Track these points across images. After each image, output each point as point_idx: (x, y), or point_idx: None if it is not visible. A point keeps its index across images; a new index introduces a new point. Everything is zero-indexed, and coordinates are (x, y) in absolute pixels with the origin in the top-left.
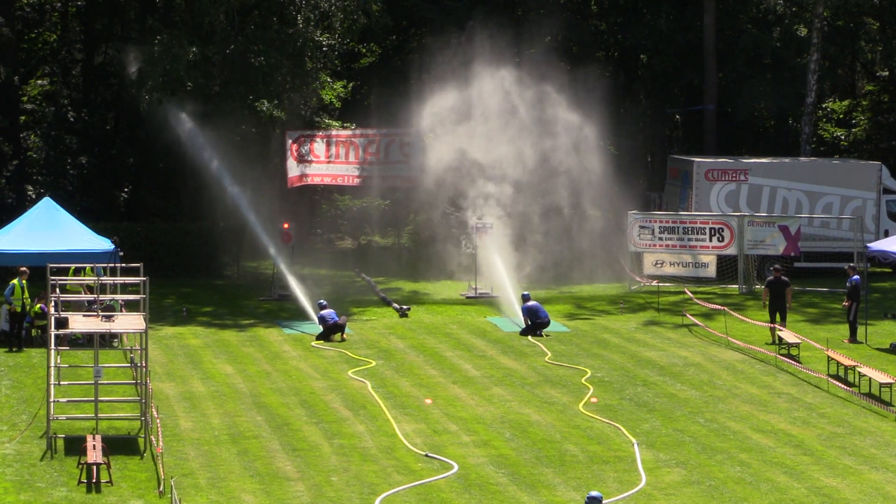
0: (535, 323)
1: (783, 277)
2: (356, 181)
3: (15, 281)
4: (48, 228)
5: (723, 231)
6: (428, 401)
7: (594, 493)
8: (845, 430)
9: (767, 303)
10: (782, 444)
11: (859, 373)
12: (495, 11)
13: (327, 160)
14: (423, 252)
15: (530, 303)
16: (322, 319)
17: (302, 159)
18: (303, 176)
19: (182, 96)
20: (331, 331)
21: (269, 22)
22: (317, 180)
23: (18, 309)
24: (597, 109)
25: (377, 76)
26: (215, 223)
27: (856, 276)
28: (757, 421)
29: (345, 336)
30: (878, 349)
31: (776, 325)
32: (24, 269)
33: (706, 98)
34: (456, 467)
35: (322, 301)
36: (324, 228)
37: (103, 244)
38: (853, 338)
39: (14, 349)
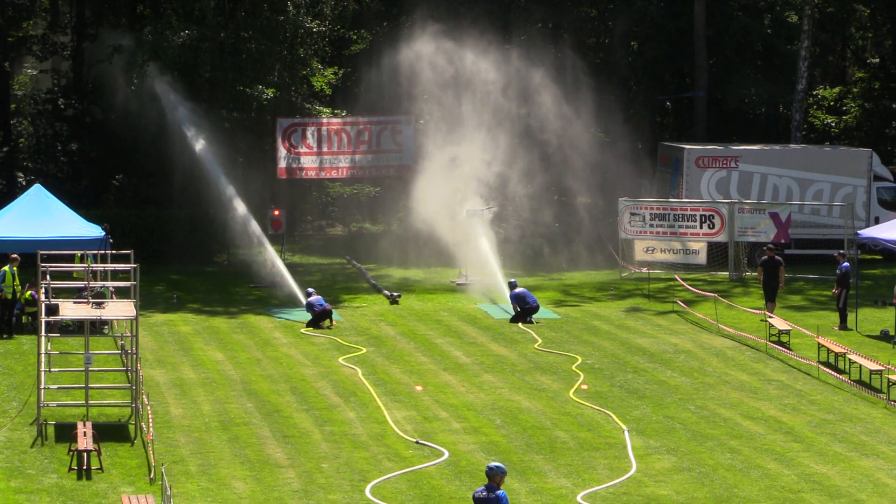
0: (524, 309)
1: (777, 257)
2: (348, 172)
3: (6, 268)
4: (38, 215)
5: (713, 218)
6: (418, 388)
7: (494, 464)
8: (836, 416)
9: (762, 280)
10: (773, 430)
11: (849, 360)
12: None
13: (318, 152)
14: (413, 239)
15: (518, 289)
16: (310, 306)
17: (293, 151)
18: (294, 169)
19: (172, 76)
20: (319, 317)
21: (259, 9)
22: (310, 174)
23: (9, 296)
24: (587, 96)
25: (368, 63)
26: (206, 210)
27: (845, 264)
28: (747, 408)
29: (333, 323)
30: (868, 336)
31: (769, 314)
32: (14, 255)
33: (697, 85)
34: (446, 454)
35: (310, 289)
36: (314, 215)
37: (94, 231)
38: (843, 325)
39: (4, 336)
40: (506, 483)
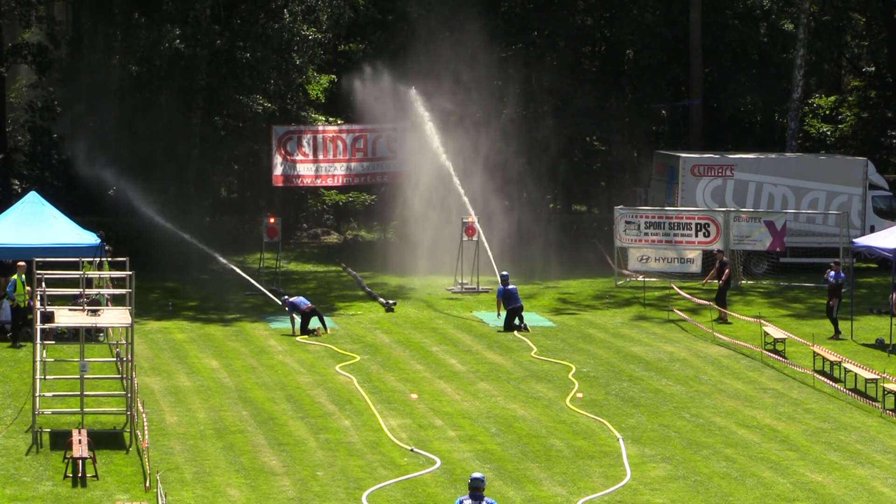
0: (510, 311)
1: (725, 258)
2: (343, 180)
3: (15, 276)
4: (34, 223)
5: (709, 226)
6: (413, 396)
7: (477, 475)
8: (831, 425)
9: (712, 280)
10: (768, 439)
11: (845, 368)
12: (481, 6)
13: (314, 160)
14: (409, 247)
15: (509, 286)
16: (294, 307)
17: (289, 158)
18: (289, 177)
19: (165, 85)
20: (307, 317)
21: (255, 16)
22: (306, 182)
23: (23, 304)
24: (582, 104)
25: (364, 71)
26: (202, 218)
27: (832, 273)
28: (742, 416)
29: (328, 330)
30: (863, 345)
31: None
32: (21, 263)
33: (692, 93)
34: (438, 462)
35: (285, 297)
36: (310, 223)
37: (89, 238)
38: (836, 334)
39: (20, 345)
40: (501, 491)
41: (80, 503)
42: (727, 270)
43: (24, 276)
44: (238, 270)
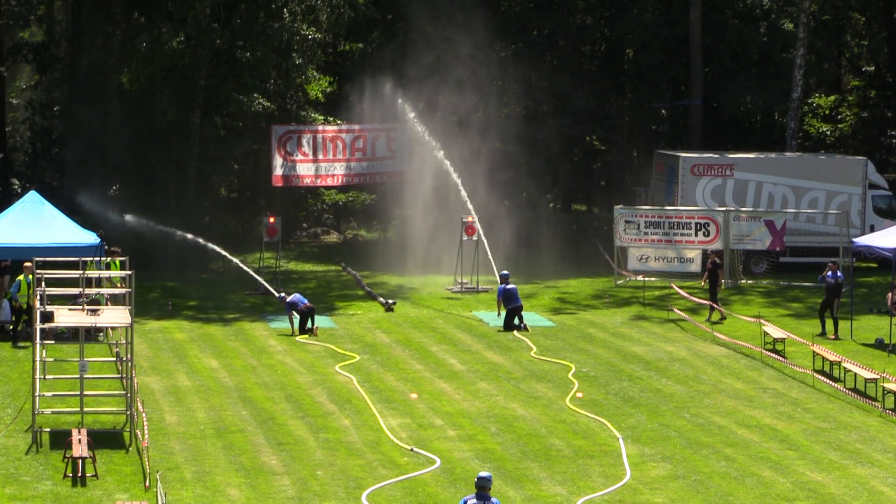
0: (510, 310)
1: (717, 259)
2: (343, 180)
3: (20, 277)
4: (34, 222)
5: (708, 226)
6: (413, 395)
7: (483, 474)
8: (831, 424)
9: (707, 284)
10: (768, 438)
11: (844, 368)
12: (481, 5)
13: (314, 160)
14: (408, 246)
15: (510, 286)
16: (293, 305)
17: (288, 158)
18: (289, 176)
19: (164, 85)
20: (305, 316)
21: (255, 16)
22: (306, 181)
23: (24, 305)
24: (582, 104)
25: (363, 71)
26: (202, 217)
27: (830, 273)
28: (742, 416)
29: (316, 328)
30: (863, 344)
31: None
32: (28, 264)
33: (692, 93)
34: (438, 462)
35: (282, 294)
36: (309, 223)
37: (89, 238)
38: (836, 334)
39: (20, 345)
40: (501, 490)
41: (79, 503)
42: (720, 273)
43: (30, 276)
44: (238, 262)
